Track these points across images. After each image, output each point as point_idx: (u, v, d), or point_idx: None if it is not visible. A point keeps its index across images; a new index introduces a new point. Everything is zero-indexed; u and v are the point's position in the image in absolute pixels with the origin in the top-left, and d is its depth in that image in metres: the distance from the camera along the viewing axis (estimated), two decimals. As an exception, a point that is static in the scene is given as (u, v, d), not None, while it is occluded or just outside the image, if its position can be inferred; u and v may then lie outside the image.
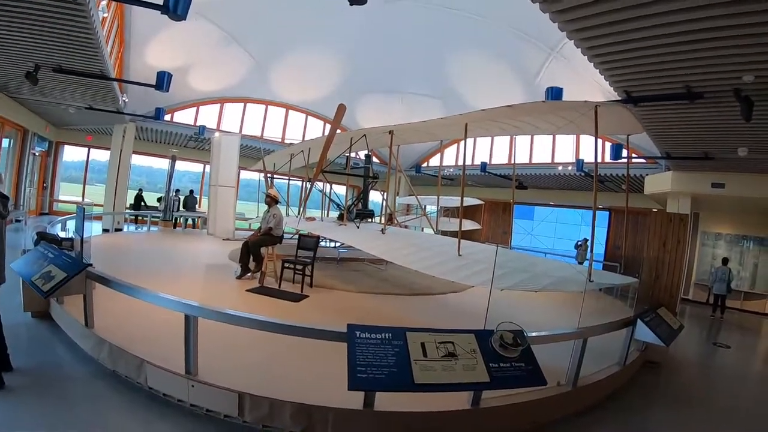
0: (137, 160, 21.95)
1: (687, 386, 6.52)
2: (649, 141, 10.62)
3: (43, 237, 6.39)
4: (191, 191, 22.25)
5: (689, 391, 6.25)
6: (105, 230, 16.11)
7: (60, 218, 11.87)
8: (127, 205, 19.12)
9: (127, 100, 15.14)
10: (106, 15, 10.30)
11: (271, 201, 9.72)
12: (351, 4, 5.36)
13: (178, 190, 20.78)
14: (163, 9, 6.41)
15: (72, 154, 23.34)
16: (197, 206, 21.64)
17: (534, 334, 4.43)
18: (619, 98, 7.62)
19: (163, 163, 21.90)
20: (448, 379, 3.61)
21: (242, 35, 17.70)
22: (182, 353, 4.07)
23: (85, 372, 4.54)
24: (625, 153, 14.26)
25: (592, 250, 6.68)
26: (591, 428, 4.59)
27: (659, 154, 11.61)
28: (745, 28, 5.11)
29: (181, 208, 20.71)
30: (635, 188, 16.02)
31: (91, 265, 5.23)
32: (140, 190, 21.59)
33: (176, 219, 19.97)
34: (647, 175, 14.89)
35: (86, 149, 22.30)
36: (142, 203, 20.73)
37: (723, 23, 5.06)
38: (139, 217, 20.05)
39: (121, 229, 17.11)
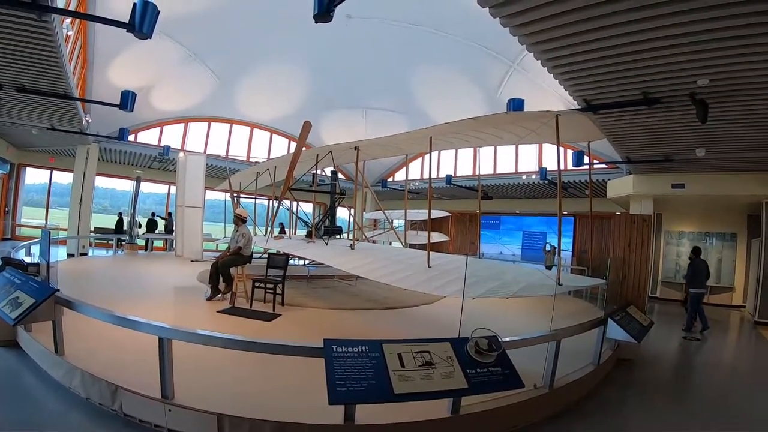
0: (100, 182, 21.53)
1: (660, 380, 6.69)
2: (610, 147, 10.94)
3: (8, 262, 6.23)
4: (153, 213, 22.14)
5: (663, 385, 6.41)
6: (70, 255, 15.73)
7: (24, 243, 11.56)
8: (91, 229, 18.73)
9: (90, 121, 14.88)
10: (70, 33, 10.18)
11: (239, 221, 9.65)
12: (316, 22, 5.41)
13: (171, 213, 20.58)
14: (129, 27, 6.39)
15: (33, 177, 22.81)
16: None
17: (508, 338, 4.51)
18: (579, 107, 7.84)
19: (127, 185, 21.58)
20: (427, 387, 3.64)
21: (205, 54, 17.65)
22: (157, 377, 3.99)
23: (57, 401, 4.41)
24: (586, 159, 14.65)
25: (559, 255, 6.82)
26: (570, 428, 4.67)
27: (620, 159, 11.95)
28: (697, 35, 5.34)
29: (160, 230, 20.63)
30: (598, 193, 16.42)
31: (58, 290, 5.12)
32: (120, 213, 21.41)
33: (147, 241, 19.69)
34: (609, 179, 15.30)
35: (48, 171, 21.83)
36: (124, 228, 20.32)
37: (676, 31, 5.28)
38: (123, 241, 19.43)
39: (86, 254, 16.71)
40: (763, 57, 5.72)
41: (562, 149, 8.30)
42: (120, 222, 20.67)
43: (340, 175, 15.66)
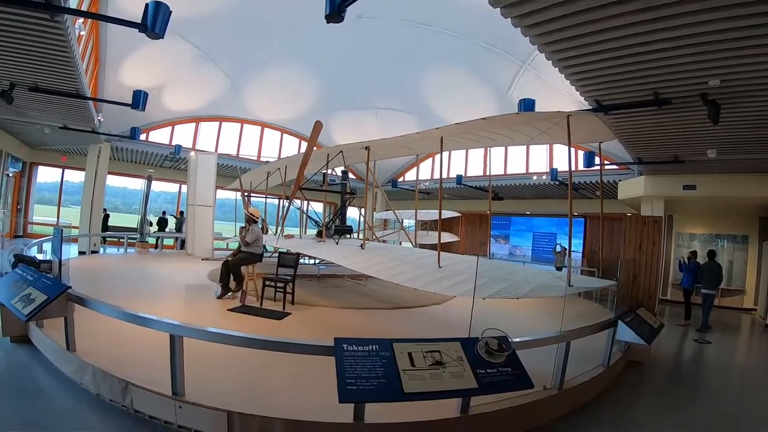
0: (111, 180, 21.73)
1: (670, 383, 6.65)
2: (621, 147, 10.88)
3: (20, 259, 6.29)
4: (164, 212, 22.42)
5: (673, 388, 6.36)
6: (81, 252, 15.85)
7: (36, 240, 11.66)
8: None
9: (102, 120, 15.00)
10: (82, 33, 10.26)
11: (251, 221, 9.68)
12: (327, 22, 5.42)
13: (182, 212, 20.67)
14: (141, 27, 6.43)
15: (45, 175, 23.06)
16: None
17: (518, 339, 4.50)
18: (590, 107, 7.81)
19: (138, 184, 21.73)
20: (436, 387, 3.64)
21: (217, 54, 17.69)
22: (168, 374, 4.02)
23: (68, 397, 4.45)
24: (597, 160, 14.55)
25: (569, 256, 6.80)
26: (579, 429, 4.65)
27: (631, 160, 11.89)
28: (708, 35, 5.31)
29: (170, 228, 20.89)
30: (609, 194, 16.34)
31: (70, 287, 5.16)
32: (104, 209, 21.67)
33: (157, 240, 19.83)
34: (620, 180, 15.21)
35: (60, 170, 22.02)
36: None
37: (687, 31, 5.25)
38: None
39: (97, 251, 16.84)
40: (774, 58, 5.69)
41: (573, 150, 8.27)
42: (105, 219, 20.71)
43: (350, 175, 15.69)
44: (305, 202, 12.48)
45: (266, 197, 15.93)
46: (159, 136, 21.06)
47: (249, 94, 20.89)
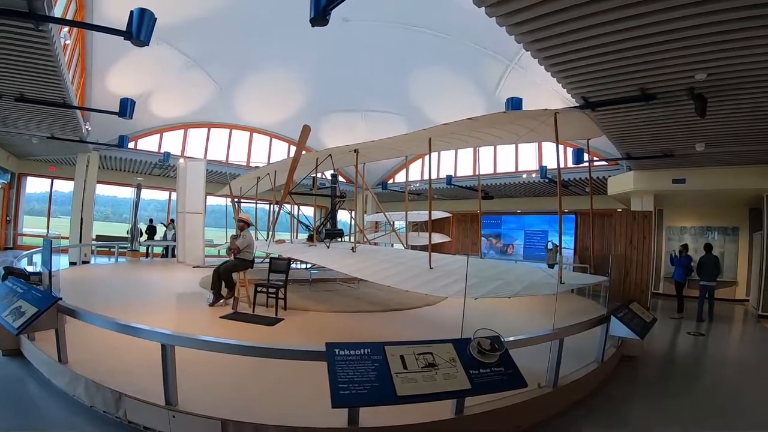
0: (101, 190, 21.59)
1: (665, 377, 6.68)
2: (610, 143, 10.93)
3: (10, 272, 6.26)
4: (150, 220, 22.40)
5: (668, 382, 6.39)
6: (72, 263, 15.74)
7: (26, 252, 11.57)
8: (93, 237, 18.85)
9: (90, 129, 14.91)
10: (68, 42, 10.20)
11: (243, 225, 9.62)
12: (312, 25, 5.41)
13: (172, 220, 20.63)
14: (127, 35, 6.41)
15: (34, 185, 22.93)
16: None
17: (511, 338, 4.50)
18: (578, 104, 7.85)
19: (128, 192, 21.62)
20: (430, 389, 3.63)
21: (204, 59, 17.61)
22: (161, 384, 3.99)
23: (61, 409, 4.41)
24: (586, 157, 14.66)
25: (560, 253, 6.82)
26: (574, 426, 4.67)
27: (620, 156, 11.94)
28: (694, 29, 5.35)
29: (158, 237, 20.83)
30: (599, 190, 16.41)
31: (60, 298, 5.13)
32: (150, 220, 22.36)
33: (147, 248, 19.73)
34: (610, 176, 15.28)
35: (49, 180, 21.89)
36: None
37: (671, 26, 5.29)
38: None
39: (87, 262, 16.74)
40: (759, 50, 5.73)
41: (561, 147, 8.30)
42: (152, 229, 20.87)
43: (340, 178, 15.68)
44: (295, 206, 12.47)
45: (256, 203, 15.89)
46: (147, 143, 20.95)
47: (237, 100, 20.85)
